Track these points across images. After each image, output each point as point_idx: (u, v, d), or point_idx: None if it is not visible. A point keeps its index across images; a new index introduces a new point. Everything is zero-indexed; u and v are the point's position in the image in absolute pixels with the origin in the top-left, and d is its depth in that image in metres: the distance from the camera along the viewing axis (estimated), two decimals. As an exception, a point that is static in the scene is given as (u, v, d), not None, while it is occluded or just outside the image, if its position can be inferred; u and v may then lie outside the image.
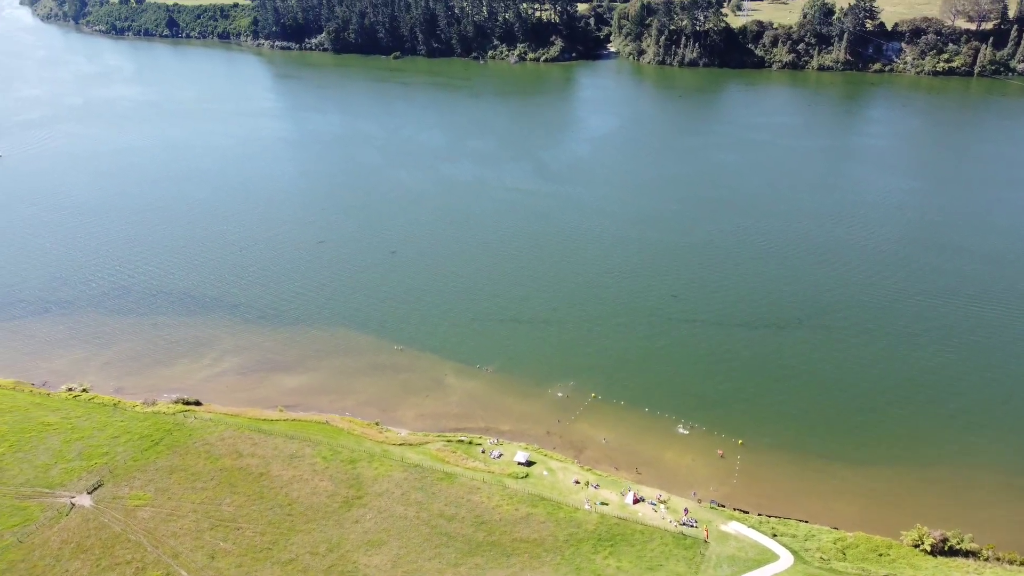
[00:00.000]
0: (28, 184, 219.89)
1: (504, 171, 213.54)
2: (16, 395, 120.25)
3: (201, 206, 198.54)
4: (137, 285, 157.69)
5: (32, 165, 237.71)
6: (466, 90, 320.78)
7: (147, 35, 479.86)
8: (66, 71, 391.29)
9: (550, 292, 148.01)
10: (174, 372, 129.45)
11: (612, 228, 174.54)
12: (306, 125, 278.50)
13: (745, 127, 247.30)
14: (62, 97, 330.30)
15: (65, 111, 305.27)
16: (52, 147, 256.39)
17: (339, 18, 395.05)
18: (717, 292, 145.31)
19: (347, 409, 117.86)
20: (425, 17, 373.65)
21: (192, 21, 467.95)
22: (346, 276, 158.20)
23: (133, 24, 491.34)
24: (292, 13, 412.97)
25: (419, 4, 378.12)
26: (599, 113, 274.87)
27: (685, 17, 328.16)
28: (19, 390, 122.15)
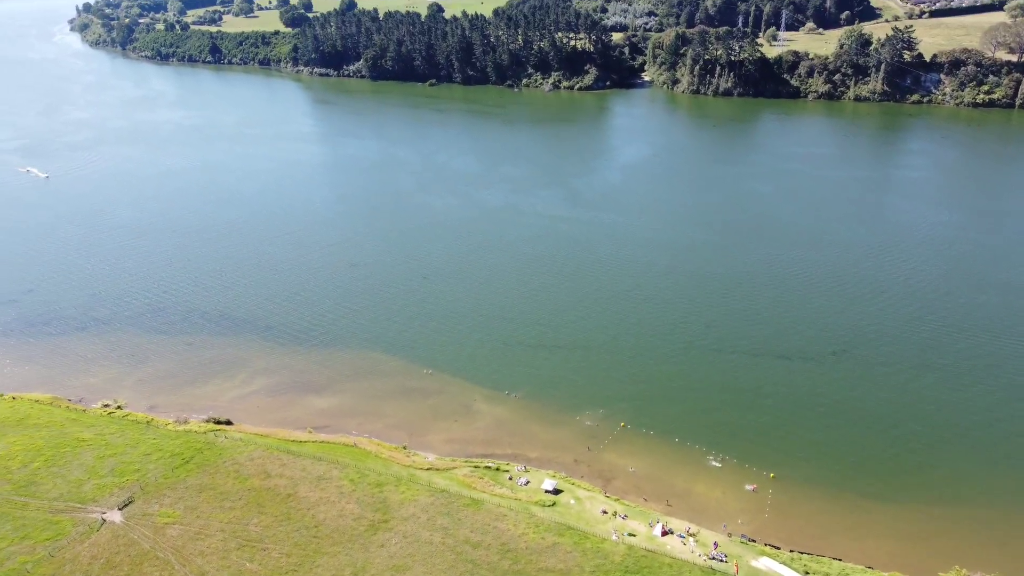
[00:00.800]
0: (72, 204, 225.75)
1: (537, 198, 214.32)
2: (53, 410, 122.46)
3: (239, 228, 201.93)
4: (173, 305, 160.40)
5: (77, 186, 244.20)
6: (500, 117, 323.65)
7: (191, 61, 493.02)
8: (112, 95, 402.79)
9: (581, 319, 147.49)
10: (206, 391, 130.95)
11: (644, 255, 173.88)
12: (342, 150, 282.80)
13: (780, 157, 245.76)
14: (108, 120, 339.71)
15: (110, 134, 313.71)
16: (97, 169, 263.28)
17: (377, 46, 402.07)
18: (751, 322, 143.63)
19: (375, 432, 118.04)
20: (461, 45, 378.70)
21: (234, 48, 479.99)
22: (378, 299, 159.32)
23: (178, 50, 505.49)
24: (331, 41, 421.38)
25: (455, 33, 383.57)
26: (632, 141, 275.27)
27: (720, 47, 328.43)
28: (56, 405, 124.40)
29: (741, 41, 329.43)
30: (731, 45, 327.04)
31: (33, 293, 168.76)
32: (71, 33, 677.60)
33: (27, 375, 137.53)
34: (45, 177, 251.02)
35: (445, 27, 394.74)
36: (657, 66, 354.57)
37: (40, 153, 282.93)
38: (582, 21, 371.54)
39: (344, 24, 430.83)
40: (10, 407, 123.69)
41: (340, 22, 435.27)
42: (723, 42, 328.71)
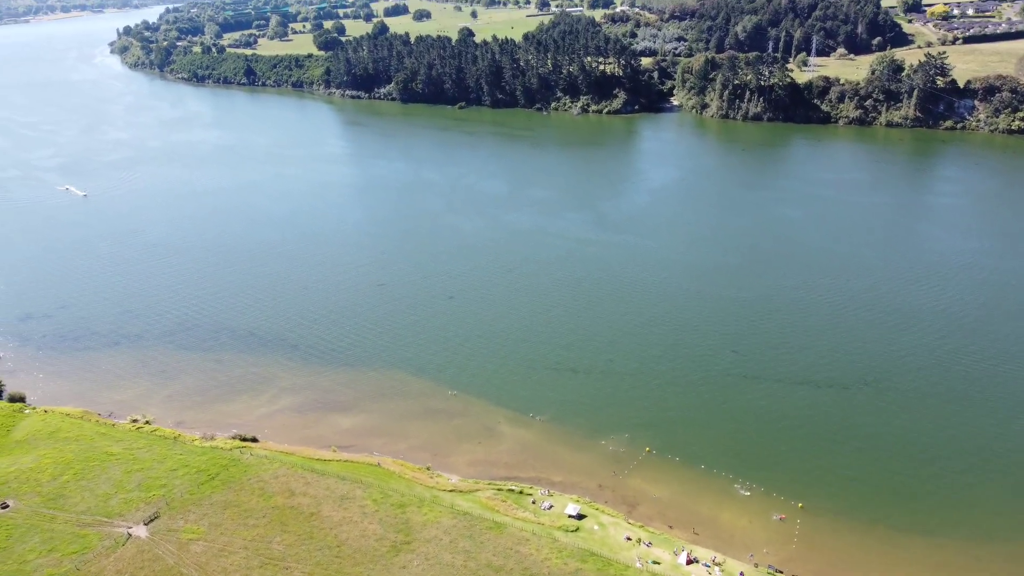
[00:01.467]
0: (109, 222, 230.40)
1: (564, 220, 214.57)
2: (83, 424, 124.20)
3: (269, 247, 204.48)
4: (204, 322, 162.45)
5: (114, 204, 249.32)
6: (529, 140, 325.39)
7: (226, 83, 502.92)
8: (150, 116, 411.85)
9: (607, 342, 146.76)
10: (233, 408, 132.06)
11: (671, 279, 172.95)
12: (372, 171, 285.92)
13: (809, 182, 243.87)
14: (145, 140, 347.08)
15: (147, 153, 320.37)
16: (133, 188, 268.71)
17: (408, 69, 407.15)
18: (779, 348, 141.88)
19: (399, 452, 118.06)
20: (491, 69, 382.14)
21: (268, 70, 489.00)
22: (404, 320, 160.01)
23: (213, 72, 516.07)
24: (363, 64, 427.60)
25: (485, 57, 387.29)
26: (661, 165, 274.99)
27: (750, 72, 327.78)
28: (86, 419, 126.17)
29: (771, 66, 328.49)
30: (761, 70, 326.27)
31: (67, 309, 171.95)
32: (111, 55, 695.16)
33: (59, 389, 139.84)
34: (83, 195, 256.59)
35: (475, 51, 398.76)
36: (686, 90, 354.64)
37: (79, 172, 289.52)
38: (611, 46, 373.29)
39: (376, 48, 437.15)
40: (42, 420, 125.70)
41: (372, 46, 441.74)
42: (753, 67, 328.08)
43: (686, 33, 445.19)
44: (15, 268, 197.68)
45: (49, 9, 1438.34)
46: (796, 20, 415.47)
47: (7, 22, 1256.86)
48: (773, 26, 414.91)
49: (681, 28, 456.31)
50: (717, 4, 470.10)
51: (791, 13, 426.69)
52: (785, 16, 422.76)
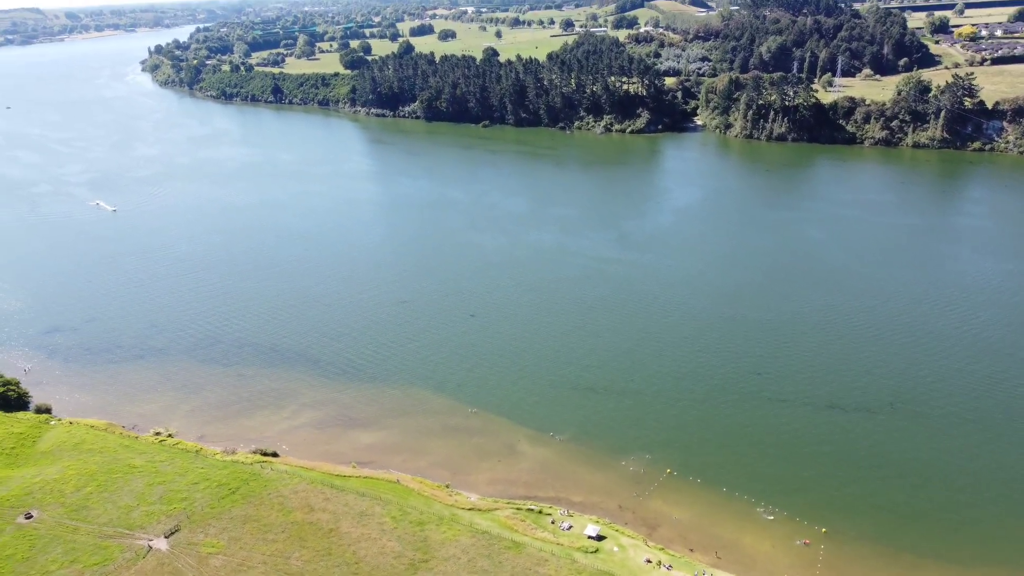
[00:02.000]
0: (137, 237, 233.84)
1: (586, 239, 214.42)
2: (107, 436, 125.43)
3: (293, 263, 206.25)
4: (227, 336, 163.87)
5: (142, 219, 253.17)
6: (552, 159, 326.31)
7: (253, 101, 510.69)
8: (179, 133, 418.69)
9: (628, 362, 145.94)
10: (254, 422, 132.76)
11: (693, 300, 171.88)
12: (395, 188, 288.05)
13: (835, 203, 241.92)
14: (174, 157, 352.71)
15: (176, 169, 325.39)
16: (161, 203, 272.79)
17: (432, 88, 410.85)
18: (803, 371, 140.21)
19: (419, 469, 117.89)
20: (515, 88, 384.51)
21: (295, 88, 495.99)
22: (425, 337, 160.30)
23: (241, 90, 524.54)
24: (388, 82, 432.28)
25: (509, 76, 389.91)
26: (683, 184, 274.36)
27: (774, 92, 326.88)
28: (110, 432, 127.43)
29: (796, 87, 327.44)
30: (785, 90, 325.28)
31: (95, 322, 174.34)
32: (142, 74, 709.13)
33: (85, 401, 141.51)
34: (112, 211, 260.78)
35: (499, 70, 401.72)
36: (710, 110, 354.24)
37: (109, 187, 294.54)
38: (635, 66, 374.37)
39: (401, 67, 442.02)
40: (67, 432, 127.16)
41: (397, 65, 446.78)
42: (777, 87, 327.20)
43: (710, 53, 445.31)
44: (45, 281, 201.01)
45: (83, 28, 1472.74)
46: (821, 41, 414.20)
47: (43, 41, 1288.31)
48: (798, 47, 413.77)
49: (705, 48, 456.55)
50: (742, 25, 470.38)
51: (816, 34, 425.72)
52: (810, 37, 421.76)
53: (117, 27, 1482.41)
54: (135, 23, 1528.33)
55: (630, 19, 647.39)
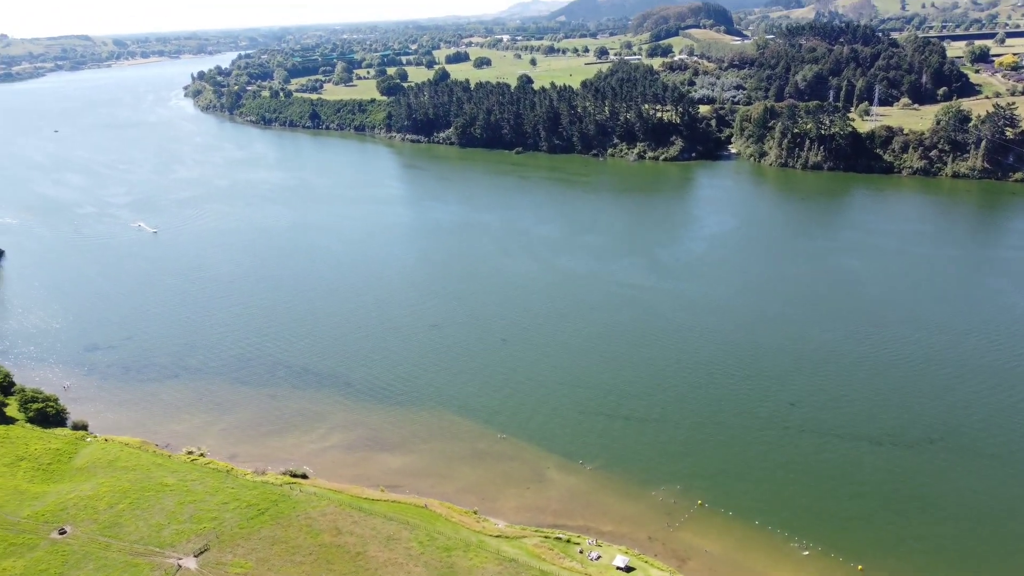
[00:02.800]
0: (176, 257, 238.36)
1: (618, 266, 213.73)
2: (141, 454, 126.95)
3: (326, 285, 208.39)
4: (260, 357, 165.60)
5: (181, 240, 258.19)
6: (584, 186, 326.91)
7: (291, 126, 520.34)
8: (218, 156, 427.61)
9: (660, 390, 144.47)
10: (284, 443, 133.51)
11: (726, 328, 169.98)
12: (428, 213, 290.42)
13: (871, 232, 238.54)
14: (212, 179, 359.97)
15: (214, 192, 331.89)
16: (200, 224, 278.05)
17: (467, 114, 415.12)
18: (839, 402, 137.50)
19: (447, 495, 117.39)
20: (548, 115, 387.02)
21: (332, 114, 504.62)
22: (456, 361, 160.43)
23: (280, 116, 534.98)
24: (424, 109, 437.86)
25: (543, 103, 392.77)
26: (717, 212, 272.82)
27: (810, 121, 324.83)
28: (144, 449, 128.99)
29: (832, 115, 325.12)
30: (821, 119, 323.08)
31: (132, 340, 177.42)
32: (185, 99, 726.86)
33: (120, 419, 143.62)
34: (153, 232, 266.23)
35: (533, 98, 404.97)
36: (744, 138, 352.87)
37: (150, 209, 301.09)
38: (669, 93, 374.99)
39: (437, 93, 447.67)
40: (102, 449, 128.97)
41: (433, 91, 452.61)
42: (813, 116, 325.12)
43: (745, 82, 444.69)
44: (86, 300, 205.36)
45: (130, 55, 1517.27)
46: (858, 70, 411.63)
47: (91, 67, 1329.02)
48: (834, 75, 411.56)
49: (740, 77, 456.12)
50: (777, 53, 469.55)
51: (853, 63, 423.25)
52: (847, 66, 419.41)
53: (162, 54, 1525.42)
54: (179, 50, 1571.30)
55: (665, 47, 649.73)
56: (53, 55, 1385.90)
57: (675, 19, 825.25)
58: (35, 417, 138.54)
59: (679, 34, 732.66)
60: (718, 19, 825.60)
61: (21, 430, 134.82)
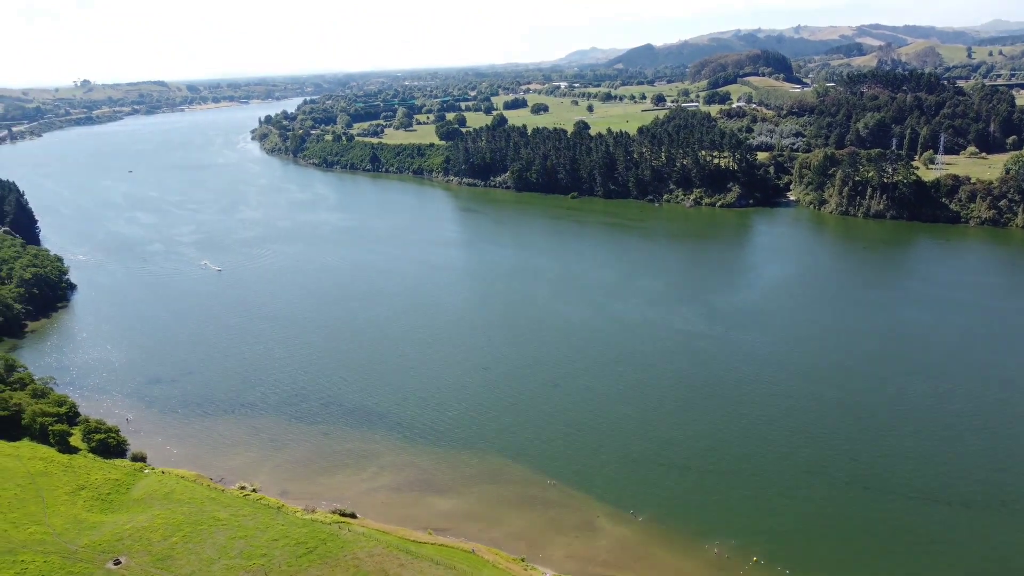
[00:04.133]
0: (238, 295, 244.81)
1: (673, 312, 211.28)
2: (196, 488, 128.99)
3: (380, 325, 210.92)
4: (314, 394, 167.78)
5: (243, 278, 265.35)
6: (640, 231, 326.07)
7: (352, 169, 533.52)
8: (281, 197, 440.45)
9: (713, 440, 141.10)
10: (335, 481, 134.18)
11: (786, 379, 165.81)
12: (483, 256, 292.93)
13: (937, 284, 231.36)
14: (275, 220, 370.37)
15: (276, 232, 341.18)
16: (262, 264, 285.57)
17: (523, 159, 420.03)
18: (905, 460, 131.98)
19: (494, 540, 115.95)
20: (604, 161, 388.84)
21: (392, 158, 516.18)
22: (506, 404, 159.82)
23: (341, 159, 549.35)
24: (481, 153, 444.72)
25: (600, 149, 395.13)
26: (775, 260, 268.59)
27: (872, 168, 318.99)
28: (199, 483, 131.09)
29: (895, 163, 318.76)
30: (884, 167, 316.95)
31: (193, 375, 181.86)
32: (252, 142, 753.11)
33: (177, 451, 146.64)
34: (218, 271, 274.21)
35: (590, 143, 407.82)
36: (804, 186, 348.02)
37: (216, 248, 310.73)
38: (726, 140, 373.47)
39: (494, 138, 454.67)
40: (159, 481, 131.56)
41: (490, 136, 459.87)
42: (875, 164, 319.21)
43: (804, 129, 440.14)
44: (151, 334, 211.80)
45: (202, 99, 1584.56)
46: (922, 118, 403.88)
47: (165, 111, 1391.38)
48: (897, 123, 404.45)
49: (799, 124, 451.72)
50: (837, 101, 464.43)
51: (917, 111, 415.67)
52: (910, 114, 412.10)
53: (232, 99, 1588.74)
54: (248, 95, 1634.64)
55: (722, 95, 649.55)
56: (131, 100, 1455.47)
57: (733, 67, 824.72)
58: (97, 447, 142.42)
59: (737, 81, 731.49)
60: (777, 67, 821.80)
61: (83, 459, 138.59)
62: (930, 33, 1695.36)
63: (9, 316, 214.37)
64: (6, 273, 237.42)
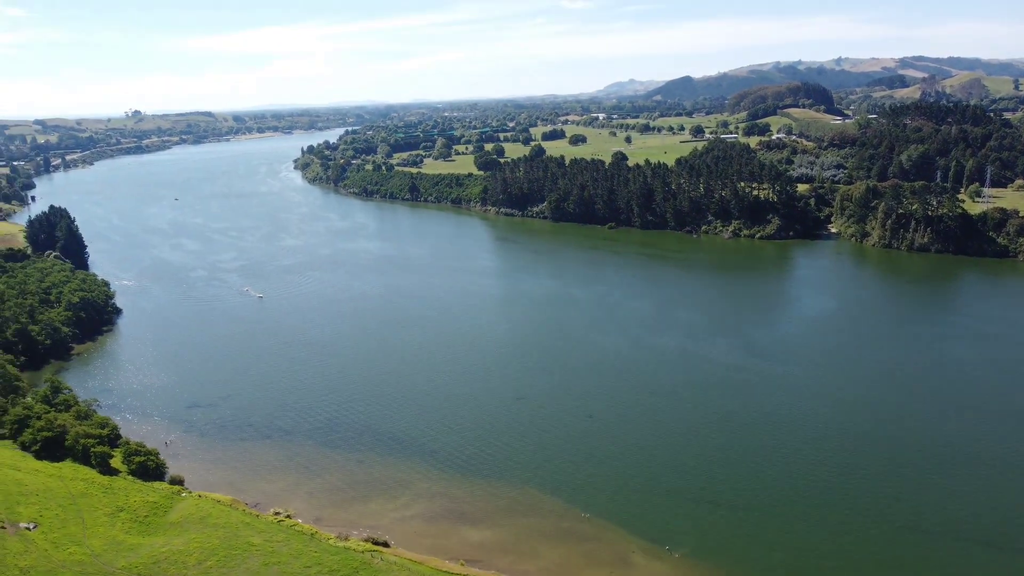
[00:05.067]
0: (277, 321, 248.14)
1: (711, 345, 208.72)
2: (231, 512, 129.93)
3: (415, 352, 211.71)
4: (349, 421, 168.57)
5: (284, 305, 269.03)
6: (677, 262, 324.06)
7: (392, 198, 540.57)
8: (321, 225, 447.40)
9: (751, 476, 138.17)
10: (368, 509, 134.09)
11: (828, 415, 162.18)
12: (519, 285, 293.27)
13: (985, 319, 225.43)
14: (316, 247, 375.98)
15: (317, 259, 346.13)
16: (301, 290, 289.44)
17: (561, 189, 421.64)
18: (951, 500, 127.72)
19: (527, 573, 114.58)
20: (642, 191, 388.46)
21: (430, 187, 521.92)
22: (540, 434, 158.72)
23: (381, 188, 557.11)
24: (519, 183, 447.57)
25: (637, 179, 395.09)
26: (816, 293, 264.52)
27: (916, 201, 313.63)
28: (234, 508, 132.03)
29: (940, 196, 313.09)
30: (928, 200, 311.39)
31: (231, 399, 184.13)
32: (294, 171, 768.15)
33: (214, 475, 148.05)
34: (259, 297, 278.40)
35: (627, 174, 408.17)
36: (845, 218, 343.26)
37: (257, 274, 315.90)
38: (766, 172, 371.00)
39: (532, 169, 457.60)
40: (195, 505, 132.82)
41: (528, 167, 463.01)
42: (919, 196, 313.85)
43: (845, 161, 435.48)
44: (192, 359, 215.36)
45: (247, 130, 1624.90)
46: (968, 150, 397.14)
47: (212, 141, 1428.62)
48: (942, 156, 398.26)
49: (840, 156, 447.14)
50: (879, 133, 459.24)
51: (962, 143, 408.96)
52: (955, 146, 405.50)
53: (276, 129, 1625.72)
54: (292, 126, 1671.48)
55: (762, 126, 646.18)
56: (179, 129, 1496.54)
57: (773, 98, 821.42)
58: (136, 470, 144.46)
59: (777, 113, 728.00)
60: (817, 99, 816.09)
61: (123, 482, 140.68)
62: (975, 65, 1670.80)
63: (57, 339, 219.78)
64: (55, 297, 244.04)
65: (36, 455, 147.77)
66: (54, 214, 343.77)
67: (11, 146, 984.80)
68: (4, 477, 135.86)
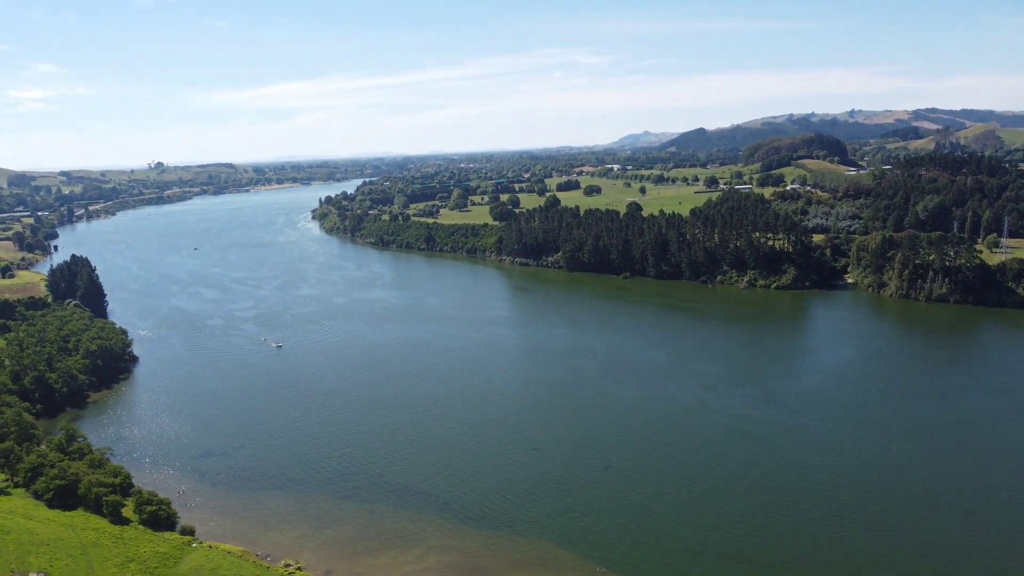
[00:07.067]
0: (294, 370, 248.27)
1: (728, 396, 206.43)
2: (242, 564, 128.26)
3: (429, 402, 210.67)
4: (362, 472, 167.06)
5: (300, 354, 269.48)
6: (693, 312, 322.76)
7: (408, 248, 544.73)
8: (338, 275, 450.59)
9: (774, 532, 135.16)
10: (380, 562, 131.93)
11: (849, 468, 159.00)
12: (534, 335, 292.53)
13: (1007, 371, 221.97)
14: (332, 297, 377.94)
15: (333, 309, 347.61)
16: (318, 340, 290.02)
17: (575, 239, 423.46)
18: (979, 557, 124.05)
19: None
20: (657, 242, 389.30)
21: (446, 237, 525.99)
22: (556, 487, 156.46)
23: (397, 238, 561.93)
24: (534, 234, 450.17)
25: (652, 230, 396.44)
26: (834, 344, 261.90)
27: (932, 251, 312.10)
28: (245, 559, 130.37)
29: (957, 246, 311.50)
30: (945, 250, 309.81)
31: (244, 449, 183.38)
32: (312, 221, 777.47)
33: (226, 525, 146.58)
34: (277, 347, 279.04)
35: (642, 224, 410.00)
36: (861, 268, 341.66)
37: (274, 323, 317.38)
38: (781, 222, 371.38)
39: (547, 219, 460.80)
40: (206, 556, 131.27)
41: (543, 217, 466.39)
42: (936, 247, 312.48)
43: (861, 211, 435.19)
44: (207, 408, 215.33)
45: (267, 181, 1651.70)
46: (984, 200, 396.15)
47: (232, 191, 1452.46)
48: (957, 206, 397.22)
49: (855, 206, 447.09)
50: (895, 183, 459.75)
51: (978, 193, 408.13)
52: (971, 196, 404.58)
53: (295, 180, 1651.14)
54: (311, 177, 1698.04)
55: (776, 177, 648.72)
56: (200, 180, 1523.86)
57: (787, 150, 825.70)
58: (148, 519, 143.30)
59: (791, 164, 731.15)
60: (831, 150, 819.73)
61: (134, 531, 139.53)
62: (989, 117, 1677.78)
63: (73, 387, 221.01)
64: (73, 344, 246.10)
65: (48, 504, 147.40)
66: (75, 263, 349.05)
67: (36, 197, 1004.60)
68: (17, 526, 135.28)
